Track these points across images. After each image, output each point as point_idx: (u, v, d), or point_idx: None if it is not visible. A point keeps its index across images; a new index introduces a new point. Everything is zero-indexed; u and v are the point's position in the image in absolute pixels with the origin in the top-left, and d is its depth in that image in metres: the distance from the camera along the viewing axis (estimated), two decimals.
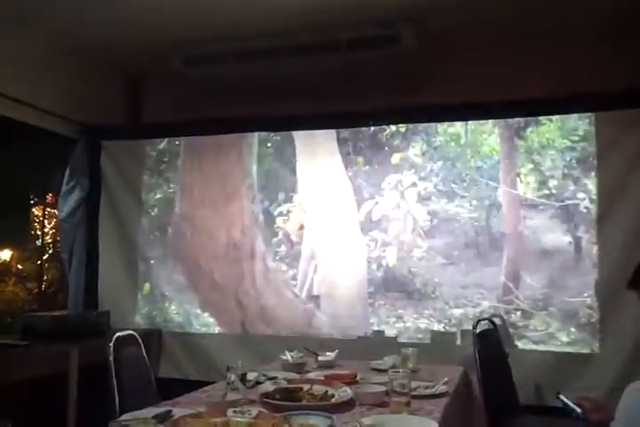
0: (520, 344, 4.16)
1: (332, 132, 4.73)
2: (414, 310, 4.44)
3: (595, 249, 4.11)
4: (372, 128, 4.66)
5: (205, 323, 4.91)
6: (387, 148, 4.64)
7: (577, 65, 4.36)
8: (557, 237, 4.23)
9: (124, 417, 2.22)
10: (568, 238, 4.20)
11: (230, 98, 4.86)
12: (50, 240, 5.70)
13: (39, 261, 5.44)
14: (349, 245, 4.66)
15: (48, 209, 5.56)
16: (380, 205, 4.60)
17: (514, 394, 3.66)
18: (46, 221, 5.65)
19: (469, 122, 4.44)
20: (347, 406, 2.43)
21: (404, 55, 4.34)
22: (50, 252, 5.72)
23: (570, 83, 4.23)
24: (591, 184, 4.16)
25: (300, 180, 4.81)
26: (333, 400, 2.46)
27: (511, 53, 4.56)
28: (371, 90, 4.66)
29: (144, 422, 2.08)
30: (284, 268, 4.79)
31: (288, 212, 4.83)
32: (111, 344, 2.94)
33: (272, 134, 4.88)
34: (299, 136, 4.83)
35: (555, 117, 4.28)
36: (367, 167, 4.67)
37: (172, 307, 5.00)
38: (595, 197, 4.14)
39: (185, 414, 2.15)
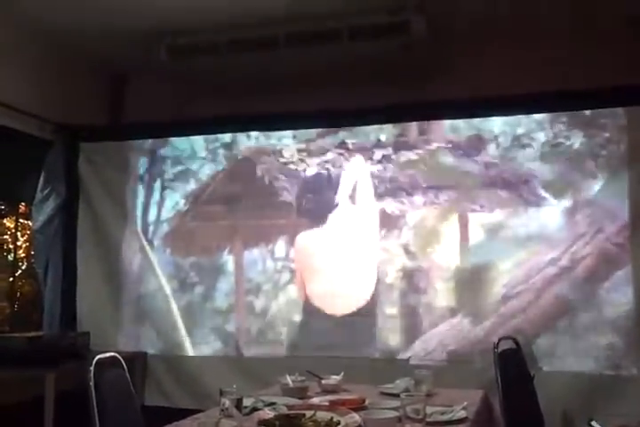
0: (546, 365, 4.16)
1: None
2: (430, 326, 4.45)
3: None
4: None
5: (196, 344, 4.90)
6: None
7: (601, 57, 4.37)
8: None
9: None
10: None
11: (221, 94, 4.87)
12: (23, 255, 5.68)
13: (11, 278, 5.42)
14: (355, 250, 4.67)
15: (21, 220, 5.54)
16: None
17: (540, 421, 3.63)
18: (19, 234, 5.63)
19: None
20: None
21: (413, 46, 4.37)
22: (23, 267, 5.71)
23: (598, 75, 4.24)
24: None
25: None
26: None
27: (528, 46, 4.57)
28: (378, 85, 4.68)
29: None
30: (280, 279, 4.80)
31: None
32: (91, 368, 2.91)
33: None
34: None
35: None
36: None
37: (159, 327, 4.99)
38: None
39: None
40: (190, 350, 4.89)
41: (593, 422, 2.57)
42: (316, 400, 3.00)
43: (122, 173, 5.17)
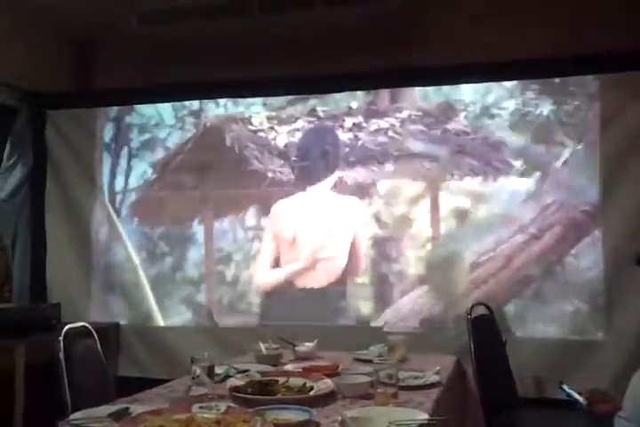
0: (518, 331, 4.17)
1: None
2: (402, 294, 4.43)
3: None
4: None
5: (167, 315, 4.84)
6: None
7: (572, 25, 4.30)
8: None
9: (75, 416, 2.15)
10: None
11: (192, 61, 4.76)
12: None
13: None
14: (329, 219, 4.62)
15: None
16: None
17: (512, 386, 3.65)
18: None
19: None
20: (327, 399, 2.38)
21: (387, 12, 4.29)
22: None
23: (570, 43, 4.19)
24: None
25: None
26: (312, 393, 2.42)
27: (500, 14, 4.47)
28: (348, 52, 4.58)
29: (98, 420, 2.02)
30: (252, 246, 4.74)
31: None
32: (61, 338, 2.86)
33: None
34: None
35: None
36: None
37: (131, 298, 4.92)
38: None
39: (144, 411, 2.09)
40: (162, 321, 4.84)
41: (564, 386, 2.59)
42: (289, 367, 2.98)
43: (89, 141, 5.05)
